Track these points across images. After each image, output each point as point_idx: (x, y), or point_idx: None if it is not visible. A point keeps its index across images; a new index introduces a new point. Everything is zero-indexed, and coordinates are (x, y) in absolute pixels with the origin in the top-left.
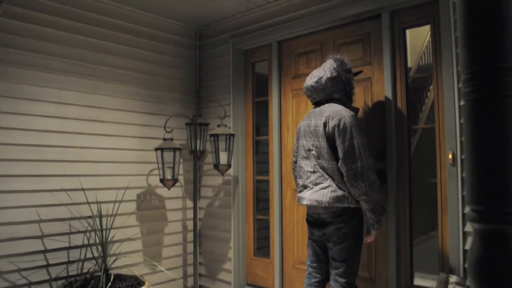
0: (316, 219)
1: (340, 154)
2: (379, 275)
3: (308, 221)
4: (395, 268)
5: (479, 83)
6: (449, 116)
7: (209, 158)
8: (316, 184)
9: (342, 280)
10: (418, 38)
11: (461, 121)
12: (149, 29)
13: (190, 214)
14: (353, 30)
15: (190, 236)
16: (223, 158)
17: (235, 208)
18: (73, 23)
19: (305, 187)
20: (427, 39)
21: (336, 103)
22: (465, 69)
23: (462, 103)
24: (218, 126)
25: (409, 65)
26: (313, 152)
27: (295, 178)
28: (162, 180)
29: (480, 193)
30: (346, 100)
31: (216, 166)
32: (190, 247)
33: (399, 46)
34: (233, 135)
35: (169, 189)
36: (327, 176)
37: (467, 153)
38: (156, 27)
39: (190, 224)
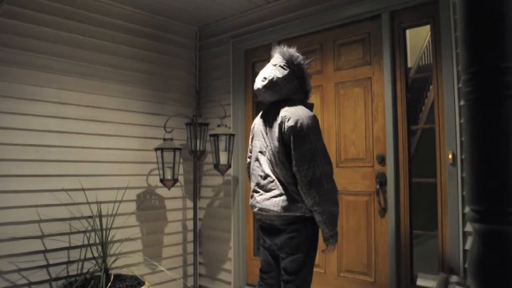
0: (268, 225)
1: (294, 159)
2: (379, 275)
3: (261, 227)
4: (395, 269)
5: (479, 83)
6: (449, 116)
7: (209, 158)
8: (267, 191)
9: None
10: (418, 38)
11: (461, 121)
12: (149, 29)
13: (190, 214)
14: (353, 30)
15: (190, 236)
16: (223, 158)
17: (235, 208)
18: (73, 23)
19: (255, 191)
20: (427, 39)
21: (293, 103)
22: (465, 69)
23: (462, 103)
24: (218, 126)
25: (409, 65)
26: (266, 154)
27: (250, 179)
28: (162, 180)
29: (480, 193)
30: (304, 97)
31: (216, 166)
32: (190, 247)
33: (399, 46)
34: (233, 135)
35: (169, 189)
36: (278, 183)
37: (467, 153)
38: (156, 27)
39: (190, 224)
